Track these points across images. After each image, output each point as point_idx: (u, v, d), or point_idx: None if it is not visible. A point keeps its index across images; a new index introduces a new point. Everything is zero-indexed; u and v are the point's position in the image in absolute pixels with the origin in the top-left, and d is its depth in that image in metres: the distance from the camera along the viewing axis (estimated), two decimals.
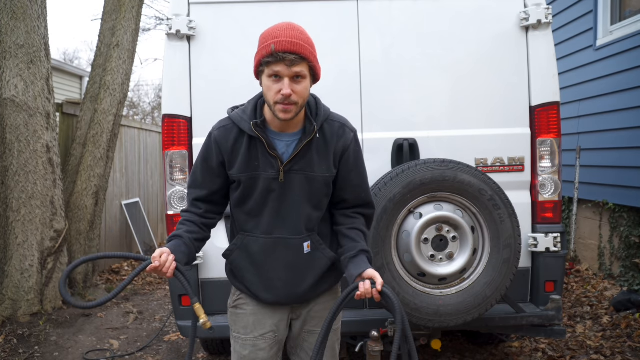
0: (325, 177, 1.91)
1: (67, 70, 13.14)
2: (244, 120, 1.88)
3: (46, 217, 4.86)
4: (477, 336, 3.89)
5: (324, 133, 1.91)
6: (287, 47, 1.72)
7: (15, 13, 4.70)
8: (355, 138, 1.98)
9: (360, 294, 1.79)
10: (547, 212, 3.01)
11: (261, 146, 1.87)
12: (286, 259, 1.93)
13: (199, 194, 1.97)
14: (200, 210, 1.97)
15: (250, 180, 1.90)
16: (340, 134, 1.93)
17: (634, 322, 4.25)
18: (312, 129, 1.87)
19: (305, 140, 1.86)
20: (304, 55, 1.75)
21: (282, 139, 1.89)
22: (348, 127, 1.97)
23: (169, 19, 2.94)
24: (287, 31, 1.76)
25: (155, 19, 16.92)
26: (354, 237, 1.95)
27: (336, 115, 1.98)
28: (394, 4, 3.01)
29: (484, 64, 3.02)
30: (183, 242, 1.86)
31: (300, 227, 1.92)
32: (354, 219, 1.99)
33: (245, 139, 1.88)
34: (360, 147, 2.01)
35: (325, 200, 1.97)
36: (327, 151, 1.91)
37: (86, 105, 5.52)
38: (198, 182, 1.98)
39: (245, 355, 2.00)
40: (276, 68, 1.74)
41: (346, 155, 1.94)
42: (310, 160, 1.89)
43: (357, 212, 2.01)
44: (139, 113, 21.71)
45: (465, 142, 3.00)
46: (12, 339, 4.28)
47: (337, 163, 1.94)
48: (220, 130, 1.93)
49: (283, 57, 1.72)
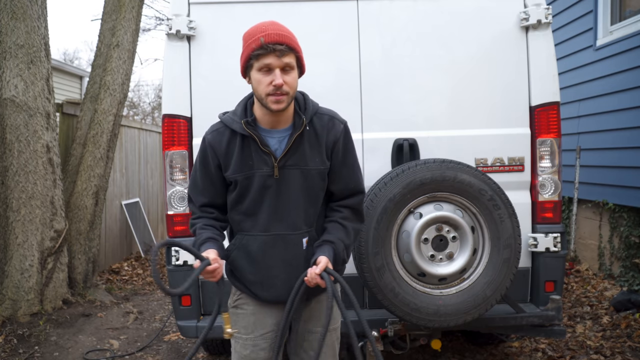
0: (320, 169, 1.94)
1: (67, 70, 13.13)
2: (235, 121, 1.92)
3: (46, 217, 4.86)
4: (477, 336, 3.89)
5: (314, 126, 1.94)
6: (276, 38, 1.78)
7: (15, 13, 4.69)
8: (345, 129, 2.00)
9: (307, 279, 1.84)
10: (547, 212, 3.01)
11: (254, 144, 1.90)
12: (285, 256, 1.94)
13: (204, 200, 1.99)
14: (213, 214, 2.00)
15: (246, 179, 1.92)
16: (330, 126, 1.96)
17: (634, 322, 4.25)
18: (301, 122, 1.90)
19: (296, 133, 1.89)
20: (292, 46, 1.81)
21: (274, 135, 1.93)
22: (337, 119, 2.00)
23: (169, 19, 2.94)
24: (272, 25, 1.83)
25: (155, 19, 16.90)
26: (329, 228, 1.98)
27: (325, 109, 2.01)
28: (394, 4, 3.01)
29: (484, 64, 3.02)
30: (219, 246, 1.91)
31: (298, 222, 1.94)
32: (335, 212, 2.02)
33: (238, 140, 1.91)
34: (351, 137, 2.03)
35: (321, 194, 1.99)
36: (319, 144, 1.94)
37: (86, 105, 5.52)
38: (199, 187, 2.00)
39: (246, 355, 2.00)
40: (266, 60, 1.79)
41: (337, 146, 1.96)
42: (303, 154, 1.91)
43: (342, 204, 2.02)
44: (139, 113, 21.71)
45: (465, 142, 3.01)
46: (12, 339, 4.28)
47: (330, 155, 1.96)
48: (213, 134, 1.96)
49: (273, 48, 1.78)
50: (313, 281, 1.83)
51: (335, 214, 2.01)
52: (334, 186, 2.01)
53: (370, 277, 2.63)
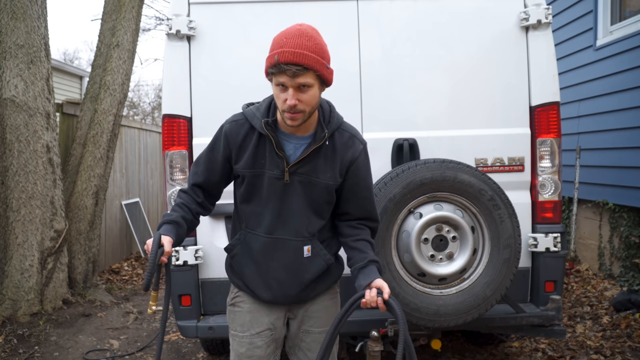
0: (328, 184, 1.91)
1: (67, 70, 13.14)
2: (257, 117, 1.90)
3: (46, 217, 4.86)
4: (477, 336, 3.89)
5: (334, 141, 1.91)
6: (290, 58, 1.69)
7: (15, 13, 4.69)
8: (364, 150, 1.98)
9: (365, 302, 1.80)
10: (547, 212, 3.01)
11: (269, 145, 1.89)
12: (285, 260, 1.94)
13: (198, 180, 2.01)
14: (199, 199, 2.01)
15: (255, 177, 1.91)
16: (350, 145, 1.93)
17: (634, 322, 4.25)
18: (322, 135, 1.87)
19: (314, 146, 1.87)
20: (308, 66, 1.71)
21: (292, 140, 1.91)
22: (358, 138, 1.97)
23: (169, 19, 2.94)
24: (294, 39, 1.72)
25: (155, 19, 16.93)
26: (362, 248, 1.95)
27: (348, 125, 1.98)
28: (394, 4, 3.01)
29: (484, 64, 3.02)
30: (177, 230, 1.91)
31: (300, 229, 1.93)
32: (360, 230, 1.99)
33: (255, 136, 1.90)
34: (368, 160, 2.00)
35: (327, 208, 1.97)
36: (334, 160, 1.91)
37: (86, 105, 5.52)
38: (200, 168, 2.01)
39: (242, 352, 2.01)
40: (280, 79, 1.74)
41: (354, 166, 1.94)
42: (315, 165, 1.89)
43: (362, 223, 2.01)
44: (139, 113, 21.71)
45: (465, 142, 3.00)
46: (12, 339, 4.28)
47: (344, 173, 1.94)
48: (232, 124, 1.94)
49: (285, 68, 1.70)
50: (373, 304, 1.80)
51: (360, 232, 1.99)
52: (350, 206, 1.99)
53: None
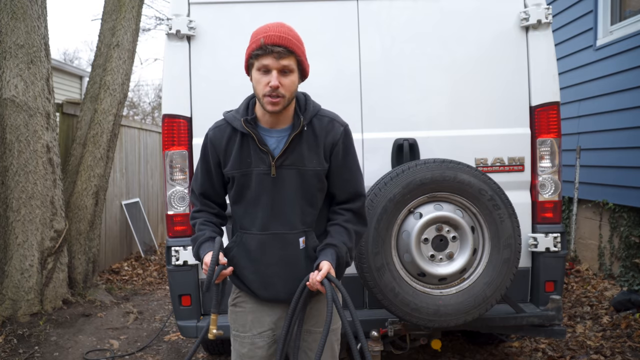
0: (317, 170, 1.94)
1: (67, 70, 13.13)
2: (236, 118, 1.96)
3: (46, 217, 4.86)
4: (477, 336, 3.89)
5: (314, 127, 1.96)
6: (276, 40, 1.80)
7: (15, 13, 4.69)
8: (345, 132, 2.00)
9: (309, 284, 1.86)
10: (547, 212, 3.01)
11: (253, 143, 1.93)
12: (283, 255, 1.96)
13: (203, 190, 2.04)
14: (214, 210, 2.06)
15: (244, 177, 1.95)
16: (330, 128, 1.97)
17: (634, 322, 4.25)
18: (299, 122, 1.92)
19: (294, 133, 1.91)
20: (292, 49, 1.82)
21: (273, 135, 1.95)
22: (338, 121, 2.00)
23: (169, 19, 2.94)
24: (277, 27, 1.85)
25: (155, 19, 16.93)
26: (332, 232, 1.99)
27: (326, 110, 2.02)
28: (394, 4, 3.01)
29: (484, 64, 3.02)
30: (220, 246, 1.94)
31: (295, 222, 1.95)
32: (338, 215, 2.02)
33: (238, 137, 1.95)
34: (351, 141, 2.03)
35: (319, 195, 1.99)
36: (317, 145, 1.95)
37: (86, 105, 5.52)
38: (199, 181, 2.05)
39: (244, 353, 2.02)
40: (265, 61, 1.82)
41: (336, 149, 1.97)
42: (300, 154, 1.93)
43: (344, 207, 2.03)
44: (139, 113, 21.70)
45: (465, 142, 3.01)
46: (12, 339, 4.28)
47: (328, 157, 1.97)
48: (215, 130, 2.01)
49: (271, 49, 1.80)
50: (314, 287, 1.85)
51: (337, 217, 2.02)
52: (334, 189, 2.01)
53: (370, 277, 2.63)
